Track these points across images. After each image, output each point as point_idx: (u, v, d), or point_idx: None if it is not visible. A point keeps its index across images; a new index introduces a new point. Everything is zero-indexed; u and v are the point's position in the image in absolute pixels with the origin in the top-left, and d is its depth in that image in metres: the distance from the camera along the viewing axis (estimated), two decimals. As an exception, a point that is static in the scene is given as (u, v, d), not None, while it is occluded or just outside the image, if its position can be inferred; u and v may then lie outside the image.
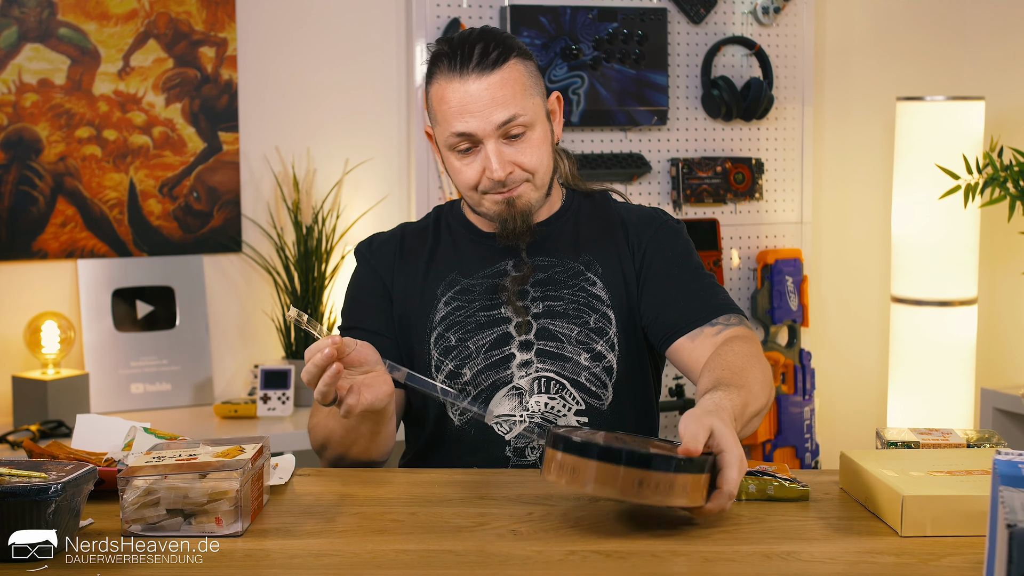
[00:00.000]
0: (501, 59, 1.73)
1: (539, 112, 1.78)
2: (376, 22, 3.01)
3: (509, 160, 1.75)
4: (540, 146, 1.77)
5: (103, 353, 2.79)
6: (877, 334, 3.40)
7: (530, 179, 1.78)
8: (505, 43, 1.76)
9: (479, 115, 1.73)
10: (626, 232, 1.85)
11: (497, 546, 1.31)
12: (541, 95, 1.80)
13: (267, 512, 1.45)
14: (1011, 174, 2.69)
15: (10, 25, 2.72)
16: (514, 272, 1.83)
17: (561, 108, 1.86)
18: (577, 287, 1.82)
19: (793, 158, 3.26)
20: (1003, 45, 3.35)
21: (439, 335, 1.82)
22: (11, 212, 2.74)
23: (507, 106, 1.72)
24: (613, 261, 1.83)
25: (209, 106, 2.89)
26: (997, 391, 3.06)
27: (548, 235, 1.85)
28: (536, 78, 1.79)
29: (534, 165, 1.77)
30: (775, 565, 1.25)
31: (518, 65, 1.75)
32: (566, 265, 1.83)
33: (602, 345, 1.79)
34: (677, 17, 3.12)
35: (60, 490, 1.24)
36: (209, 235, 2.91)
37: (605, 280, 1.82)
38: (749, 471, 1.49)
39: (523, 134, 1.75)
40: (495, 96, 1.72)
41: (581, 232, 1.86)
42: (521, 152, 1.76)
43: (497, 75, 1.73)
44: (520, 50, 1.78)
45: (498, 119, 1.73)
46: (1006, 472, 1.04)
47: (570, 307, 1.80)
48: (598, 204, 1.91)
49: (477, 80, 1.72)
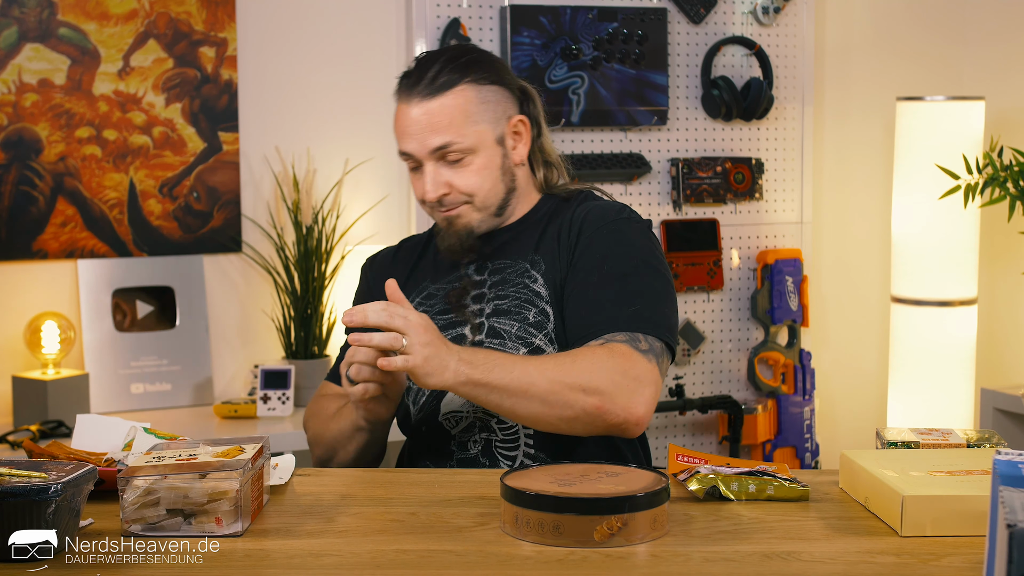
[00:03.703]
0: (447, 86, 1.79)
1: (483, 139, 1.82)
2: (376, 22, 3.01)
3: (445, 182, 1.82)
4: (481, 172, 1.82)
5: (103, 353, 2.79)
6: (877, 334, 3.40)
7: (469, 201, 1.83)
8: (461, 68, 1.81)
9: (416, 138, 1.80)
10: (568, 232, 1.85)
11: (497, 546, 1.31)
12: (493, 120, 1.83)
13: (267, 512, 1.45)
14: (1011, 174, 2.69)
15: (10, 25, 2.72)
16: (476, 276, 1.87)
17: (527, 130, 1.88)
18: (521, 284, 1.84)
19: (793, 158, 3.26)
20: (1003, 45, 3.35)
21: None
22: (11, 212, 2.74)
23: (442, 133, 1.79)
24: (555, 260, 1.84)
25: (209, 106, 2.89)
26: (997, 391, 3.06)
27: (510, 239, 1.89)
28: (489, 104, 1.83)
29: (472, 189, 1.82)
30: (775, 565, 1.25)
31: (467, 91, 1.80)
32: (517, 265, 1.86)
33: (541, 339, 1.79)
34: (677, 17, 3.12)
35: (60, 490, 1.24)
36: (209, 235, 2.91)
37: (546, 277, 1.83)
38: (749, 471, 1.49)
39: (461, 159, 1.80)
40: (432, 122, 1.79)
41: (542, 233, 1.88)
42: (459, 176, 1.82)
43: (438, 101, 1.79)
44: (479, 75, 1.81)
45: (432, 144, 1.80)
46: (1006, 472, 1.04)
47: (513, 304, 1.83)
48: (568, 206, 1.91)
49: (419, 104, 1.80)
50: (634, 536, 1.30)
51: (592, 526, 1.29)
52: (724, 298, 3.21)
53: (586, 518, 1.29)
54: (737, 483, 1.48)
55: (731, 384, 3.24)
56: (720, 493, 1.47)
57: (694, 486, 1.48)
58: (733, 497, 1.47)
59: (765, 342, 3.22)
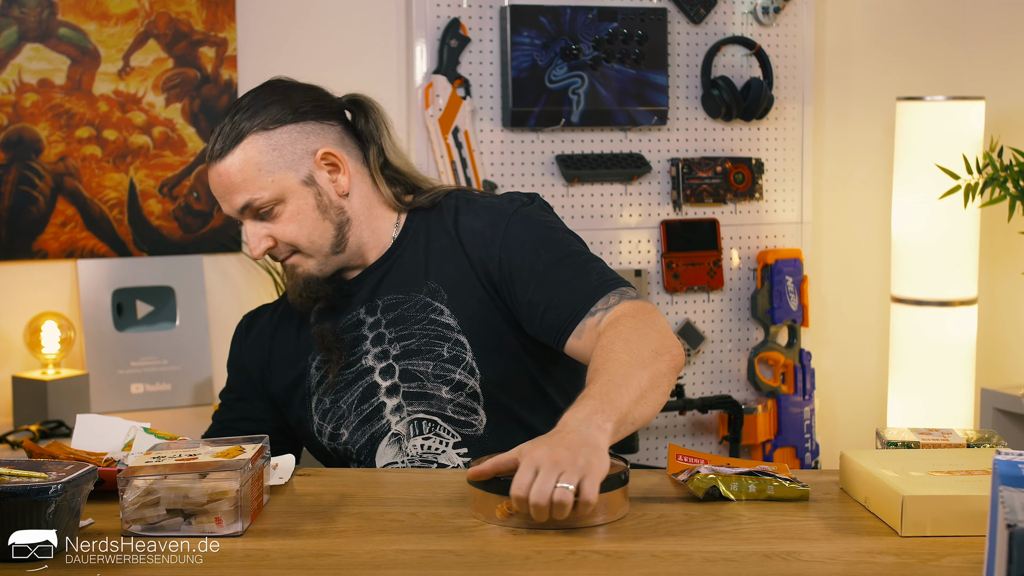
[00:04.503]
0: (234, 142, 1.72)
1: (285, 185, 1.73)
2: (376, 22, 3.01)
3: (265, 235, 1.75)
4: (295, 219, 1.74)
5: (103, 353, 2.79)
6: (877, 334, 3.40)
7: (297, 250, 1.76)
8: (248, 118, 1.73)
9: (224, 200, 1.75)
10: (464, 249, 1.76)
11: (497, 546, 1.31)
12: (292, 164, 1.73)
13: (267, 512, 1.45)
14: (1011, 174, 2.69)
15: (10, 25, 2.72)
16: (369, 318, 1.79)
17: (342, 158, 1.76)
18: (426, 320, 1.75)
19: (793, 158, 3.26)
20: (1003, 45, 3.35)
21: (318, 399, 1.82)
22: (11, 212, 2.74)
23: (240, 192, 1.72)
24: (458, 283, 1.75)
25: (209, 106, 2.89)
26: (997, 391, 3.06)
27: (389, 270, 1.80)
28: (282, 149, 1.73)
29: (292, 238, 1.75)
30: (775, 565, 1.25)
31: (255, 142, 1.72)
32: (413, 299, 1.77)
33: (460, 373, 1.73)
34: (677, 17, 3.12)
35: (60, 490, 1.24)
36: (209, 235, 2.91)
37: (452, 306, 1.75)
38: (749, 471, 1.49)
39: (271, 211, 1.74)
40: (229, 184, 1.73)
41: (428, 256, 1.79)
42: (276, 227, 1.75)
43: (228, 160, 1.72)
44: (265, 120, 1.73)
45: (236, 204, 1.73)
46: (1006, 472, 1.04)
47: (422, 343, 1.75)
48: (442, 217, 1.80)
49: (215, 167, 1.74)
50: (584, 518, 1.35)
51: (493, 505, 1.37)
52: (724, 298, 3.21)
53: (492, 497, 1.38)
54: (737, 483, 1.48)
55: (731, 384, 3.24)
56: (720, 493, 1.47)
57: (694, 486, 1.48)
58: (733, 497, 1.47)
59: (765, 342, 3.22)
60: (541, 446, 1.36)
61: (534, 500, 1.31)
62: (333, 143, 1.78)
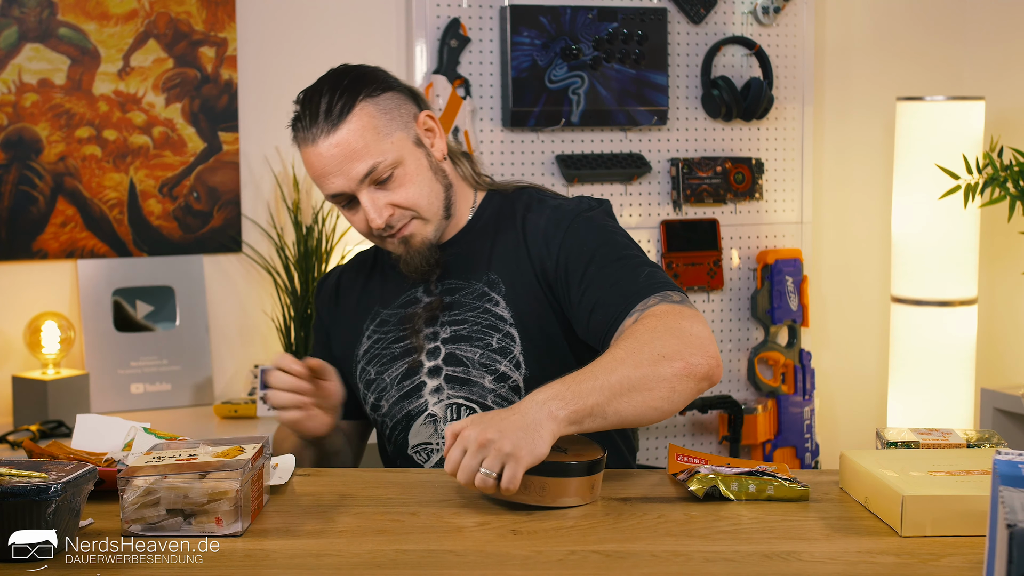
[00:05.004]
0: (345, 110, 1.71)
1: (403, 146, 1.74)
2: (376, 22, 3.01)
3: (386, 204, 1.73)
4: (414, 179, 1.74)
5: (103, 353, 2.79)
6: (877, 334, 3.40)
7: (415, 215, 1.76)
8: (349, 89, 1.72)
9: (340, 174, 1.72)
10: (527, 244, 1.77)
11: (497, 546, 1.31)
12: (403, 125, 1.75)
13: (267, 512, 1.45)
14: (1011, 174, 2.69)
15: (10, 25, 2.72)
16: (425, 298, 1.81)
17: (437, 122, 1.80)
18: (481, 308, 1.77)
19: (793, 158, 3.26)
20: (1003, 45, 3.35)
21: (362, 369, 1.85)
22: (11, 212, 2.74)
23: (363, 158, 1.70)
24: (517, 278, 1.77)
25: (209, 106, 2.89)
26: (997, 391, 3.06)
27: (457, 255, 1.81)
28: (392, 112, 1.74)
29: (412, 201, 1.74)
30: (775, 565, 1.25)
31: (367, 108, 1.72)
32: (472, 287, 1.79)
33: (506, 365, 1.75)
34: (677, 17, 3.12)
35: (60, 490, 1.24)
36: (209, 235, 2.91)
37: (508, 298, 1.76)
38: (749, 471, 1.49)
39: (392, 175, 1.73)
40: (348, 152, 1.70)
41: (493, 246, 1.81)
42: (396, 193, 1.73)
43: (344, 129, 1.70)
44: (369, 89, 1.73)
45: (359, 172, 1.71)
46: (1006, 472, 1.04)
47: (474, 330, 1.76)
48: (513, 210, 1.83)
49: (326, 140, 1.71)
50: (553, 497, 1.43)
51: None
52: (724, 298, 3.21)
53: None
54: (737, 483, 1.48)
55: (731, 384, 3.24)
56: (720, 493, 1.48)
57: (694, 486, 1.48)
58: (733, 497, 1.47)
59: (765, 342, 3.22)
60: (476, 425, 1.41)
61: (460, 479, 1.41)
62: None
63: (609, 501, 1.48)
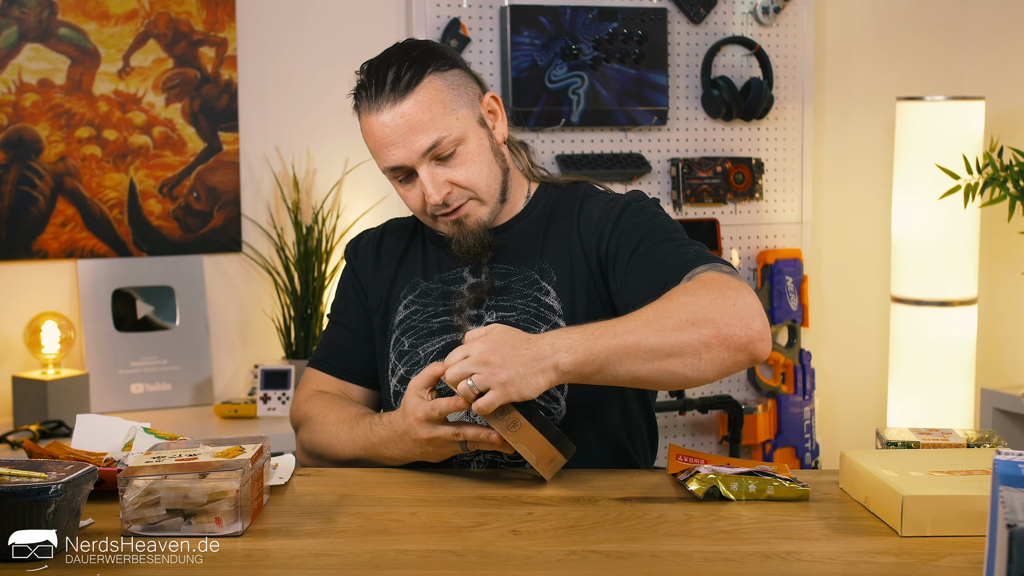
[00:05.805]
0: (414, 81, 1.67)
1: (468, 124, 1.70)
2: (376, 22, 3.01)
3: (445, 181, 1.69)
4: (476, 159, 1.71)
5: (103, 353, 2.79)
6: (877, 334, 3.40)
7: (473, 195, 1.72)
8: (418, 61, 1.69)
9: (402, 146, 1.67)
10: (580, 234, 1.75)
11: (497, 546, 1.31)
12: (469, 103, 1.72)
13: (267, 512, 1.45)
14: (1011, 174, 2.69)
15: (10, 25, 2.72)
16: (471, 279, 1.78)
17: (500, 106, 1.77)
18: (530, 297, 1.74)
19: (793, 158, 3.26)
20: (1003, 45, 3.35)
21: (396, 338, 1.80)
22: (11, 212, 2.74)
23: (428, 131, 1.67)
24: (569, 268, 1.74)
25: (209, 106, 2.89)
26: (997, 391, 3.06)
27: (509, 240, 1.79)
28: (459, 89, 1.71)
29: (471, 181, 1.71)
30: (775, 565, 1.25)
31: (435, 82, 1.68)
32: (523, 273, 1.76)
33: None
34: (677, 17, 3.12)
35: (60, 490, 1.24)
36: (209, 235, 2.91)
37: (559, 289, 1.74)
38: (749, 471, 1.49)
39: (454, 152, 1.69)
40: (413, 123, 1.66)
41: (546, 235, 1.78)
42: (456, 171, 1.70)
43: (411, 100, 1.66)
44: (438, 63, 1.70)
45: (422, 146, 1.67)
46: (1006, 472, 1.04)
47: (521, 318, 1.73)
48: (568, 201, 1.81)
49: (391, 110, 1.67)
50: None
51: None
52: (724, 298, 3.21)
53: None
54: (737, 483, 1.48)
55: (731, 384, 3.24)
56: (720, 493, 1.48)
57: (694, 486, 1.48)
58: (733, 497, 1.47)
59: (765, 342, 3.22)
60: (490, 342, 1.46)
61: (447, 376, 1.47)
62: None
63: (609, 501, 1.48)
